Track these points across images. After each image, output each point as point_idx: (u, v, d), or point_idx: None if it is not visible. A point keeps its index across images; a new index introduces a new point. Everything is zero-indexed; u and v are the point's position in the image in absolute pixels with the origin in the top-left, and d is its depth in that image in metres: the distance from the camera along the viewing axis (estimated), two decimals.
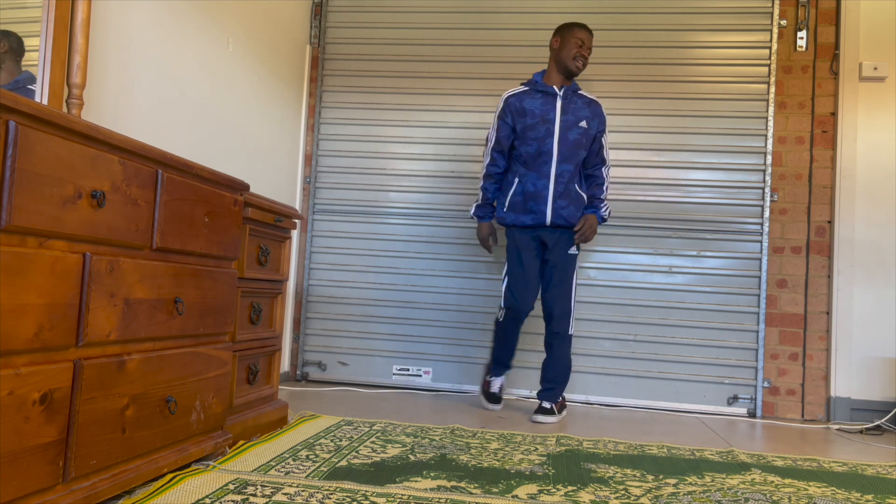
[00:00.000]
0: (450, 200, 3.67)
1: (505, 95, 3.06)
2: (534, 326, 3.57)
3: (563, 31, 3.07)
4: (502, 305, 3.03)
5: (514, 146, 3.03)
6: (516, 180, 3.00)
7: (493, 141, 3.04)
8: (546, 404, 2.96)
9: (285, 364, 3.70)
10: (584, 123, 2.98)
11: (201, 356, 1.77)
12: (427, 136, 3.71)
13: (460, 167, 3.66)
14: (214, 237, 1.80)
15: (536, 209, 2.93)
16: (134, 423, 1.50)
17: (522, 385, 3.55)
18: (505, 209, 3.01)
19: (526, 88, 3.05)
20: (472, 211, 3.12)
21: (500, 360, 3.12)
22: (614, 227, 3.54)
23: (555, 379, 3.00)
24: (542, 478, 1.89)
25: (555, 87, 3.00)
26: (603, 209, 3.05)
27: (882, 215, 3.39)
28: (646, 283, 3.51)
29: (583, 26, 3.07)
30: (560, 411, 3.00)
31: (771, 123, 3.48)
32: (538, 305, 3.08)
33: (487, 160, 3.07)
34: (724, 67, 3.54)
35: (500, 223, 3.05)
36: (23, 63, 1.84)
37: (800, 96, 3.51)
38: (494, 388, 3.14)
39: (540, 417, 2.92)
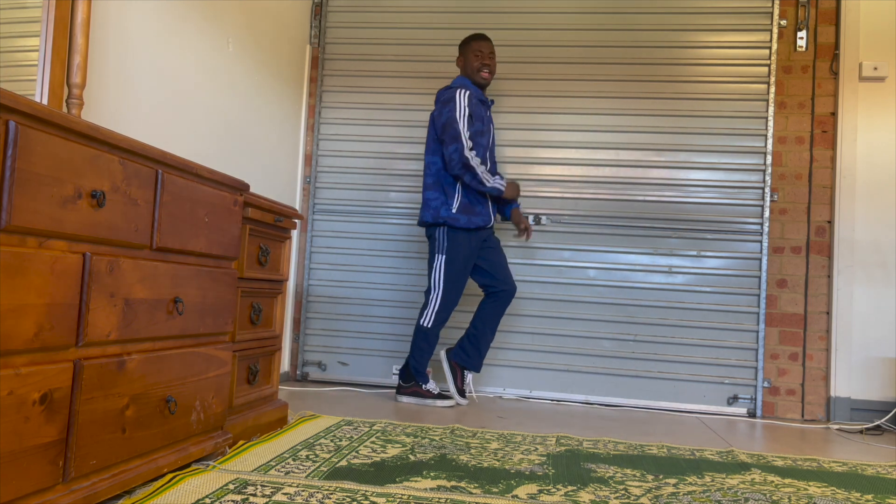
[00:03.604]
0: None
1: (466, 93, 3.07)
2: (530, 323, 3.57)
3: (462, 48, 3.23)
4: (434, 316, 3.08)
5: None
6: (460, 183, 3.08)
7: (466, 136, 3.01)
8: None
9: (285, 364, 3.70)
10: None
11: (201, 356, 1.77)
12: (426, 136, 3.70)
13: None
14: (214, 237, 1.80)
15: (484, 212, 3.12)
16: (134, 423, 1.50)
17: (522, 385, 3.55)
18: (454, 210, 3.05)
19: (471, 93, 3.10)
20: (494, 183, 3.06)
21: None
22: (614, 227, 3.54)
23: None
24: (542, 478, 1.89)
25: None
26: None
27: (882, 215, 3.39)
28: (646, 283, 3.51)
29: (479, 36, 3.20)
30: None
31: (771, 123, 3.48)
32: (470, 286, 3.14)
33: (474, 155, 3.01)
34: (723, 67, 3.54)
35: (450, 224, 3.06)
36: (23, 63, 1.84)
37: (800, 96, 3.51)
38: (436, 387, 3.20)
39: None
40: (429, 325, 3.09)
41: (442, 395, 3.11)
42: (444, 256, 3.07)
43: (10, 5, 1.78)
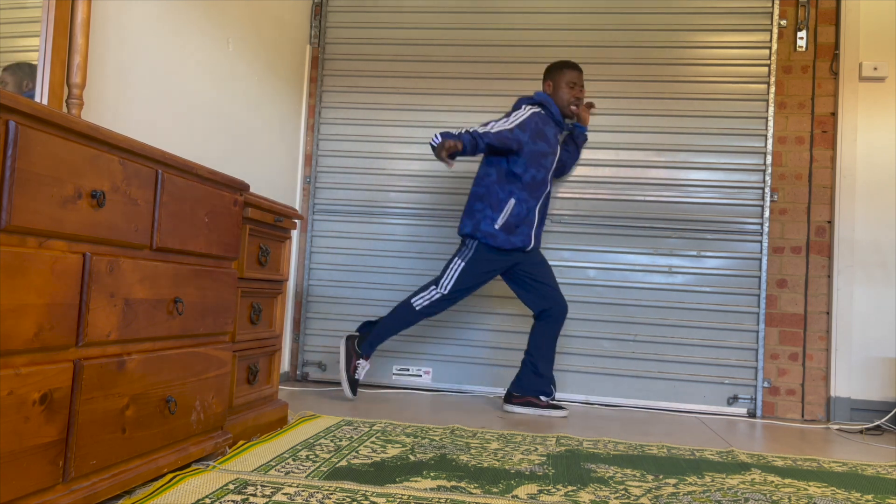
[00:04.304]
0: (450, 200, 3.67)
1: (531, 110, 2.99)
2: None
3: (553, 73, 3.14)
4: (433, 300, 3.01)
5: (508, 161, 2.98)
6: (513, 201, 2.97)
7: (498, 128, 2.88)
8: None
9: (285, 364, 3.70)
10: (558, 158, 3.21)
11: (201, 356, 1.77)
12: (427, 136, 3.70)
13: (460, 167, 3.65)
14: (214, 237, 1.80)
15: (525, 232, 3.04)
16: (134, 423, 1.50)
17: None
18: (497, 227, 2.96)
19: (543, 112, 3.04)
20: (436, 138, 2.78)
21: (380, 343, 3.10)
22: (614, 227, 3.54)
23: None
24: (542, 478, 1.89)
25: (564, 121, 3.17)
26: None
27: (882, 215, 3.39)
28: (646, 283, 3.51)
29: (573, 66, 3.13)
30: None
31: (771, 123, 3.48)
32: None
33: (491, 138, 2.84)
34: (724, 67, 3.54)
35: (487, 241, 2.97)
36: (22, 63, 1.84)
37: (800, 96, 3.51)
38: (361, 374, 3.09)
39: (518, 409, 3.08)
40: (417, 308, 3.03)
41: (355, 382, 3.06)
42: (463, 264, 3.01)
43: (10, 5, 1.78)
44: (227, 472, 1.73)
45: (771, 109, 3.48)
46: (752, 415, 3.39)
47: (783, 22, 3.52)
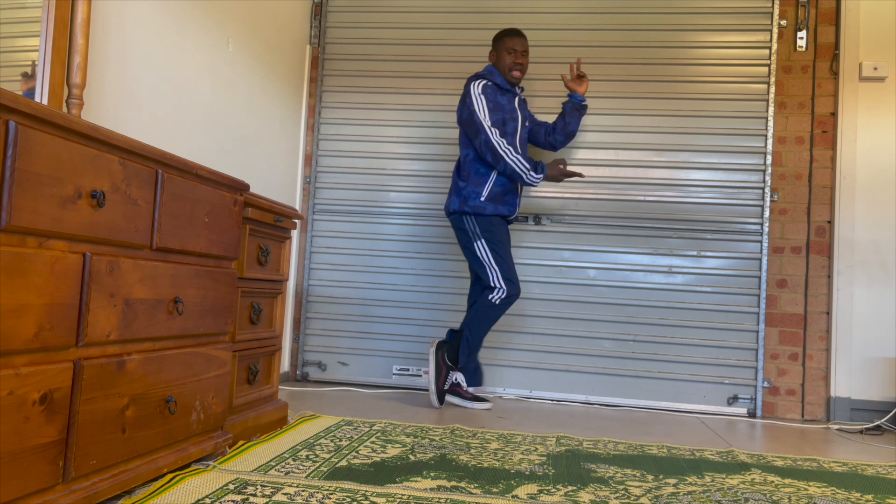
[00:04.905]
0: None
1: (480, 83, 3.04)
2: (530, 323, 3.57)
3: (495, 42, 3.19)
4: (506, 293, 2.99)
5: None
6: (494, 174, 3.05)
7: (488, 124, 2.97)
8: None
9: (285, 364, 3.70)
10: (527, 123, 3.22)
11: (201, 356, 1.77)
12: (427, 136, 3.71)
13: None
14: (214, 237, 1.80)
15: (512, 202, 3.10)
16: (134, 423, 1.50)
17: (522, 385, 3.55)
18: (483, 199, 3.03)
19: (489, 82, 3.08)
20: (535, 173, 2.99)
21: (475, 353, 3.11)
22: (614, 227, 3.54)
23: None
24: (542, 478, 1.89)
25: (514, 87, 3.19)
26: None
27: (882, 215, 3.39)
28: (646, 283, 3.51)
29: (513, 32, 3.16)
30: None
31: (771, 123, 3.48)
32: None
33: (499, 137, 2.96)
34: (724, 67, 3.54)
35: (478, 213, 3.04)
36: (23, 63, 1.84)
37: (800, 96, 3.51)
38: (462, 383, 3.14)
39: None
40: (497, 303, 3.01)
41: (443, 392, 3.08)
42: (482, 240, 3.02)
43: (10, 5, 1.79)
44: (227, 472, 1.73)
45: (771, 109, 3.48)
46: (752, 415, 3.39)
47: (783, 22, 3.52)
